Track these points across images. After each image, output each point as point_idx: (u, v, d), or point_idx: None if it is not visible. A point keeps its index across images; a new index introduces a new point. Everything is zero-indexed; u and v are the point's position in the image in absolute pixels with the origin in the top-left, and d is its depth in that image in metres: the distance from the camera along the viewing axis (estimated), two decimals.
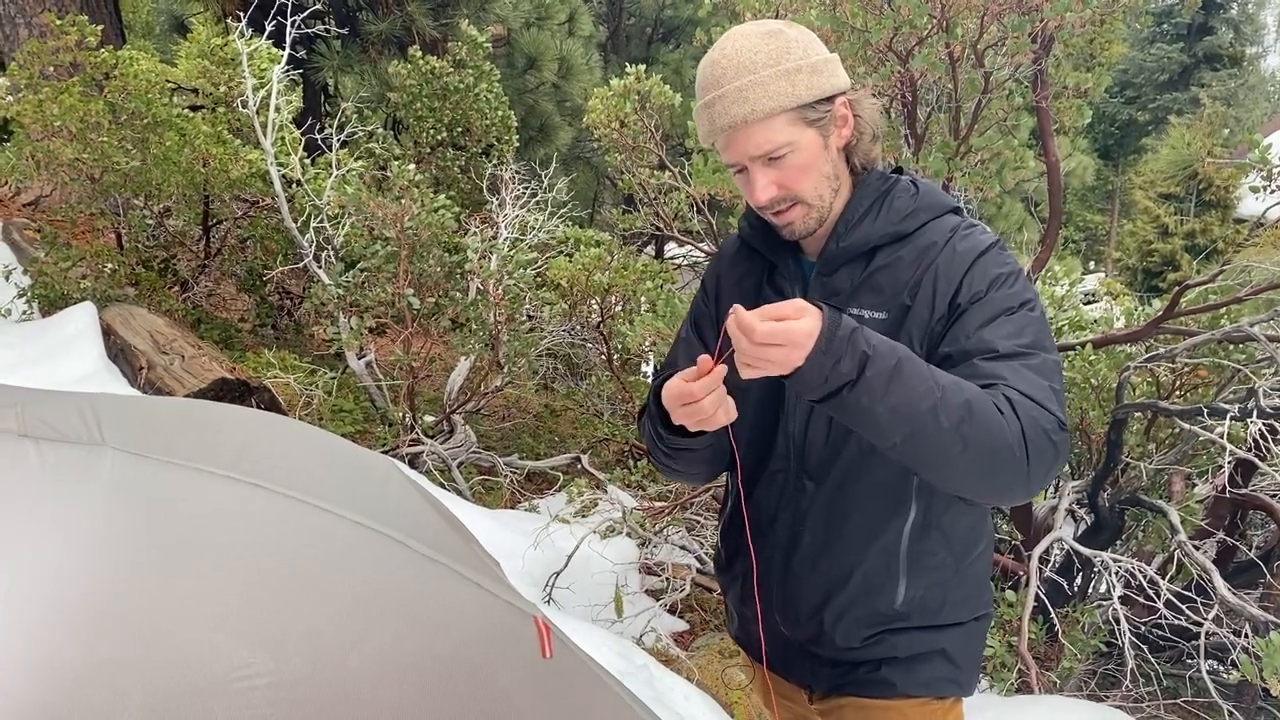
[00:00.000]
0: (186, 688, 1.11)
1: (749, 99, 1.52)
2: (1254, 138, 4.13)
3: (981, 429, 1.35)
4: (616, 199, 12.60)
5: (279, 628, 1.20)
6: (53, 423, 1.37)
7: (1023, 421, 1.38)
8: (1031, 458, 1.38)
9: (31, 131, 5.86)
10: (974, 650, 1.83)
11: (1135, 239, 21.18)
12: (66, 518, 1.23)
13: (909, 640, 1.74)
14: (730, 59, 1.54)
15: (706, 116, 1.59)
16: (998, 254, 1.60)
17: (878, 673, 1.76)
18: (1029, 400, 1.41)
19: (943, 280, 1.57)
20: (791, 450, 1.73)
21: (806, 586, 1.76)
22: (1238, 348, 4.41)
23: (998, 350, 1.47)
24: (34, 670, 1.07)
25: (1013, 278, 1.57)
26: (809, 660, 1.83)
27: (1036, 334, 1.51)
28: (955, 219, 1.66)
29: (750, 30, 1.57)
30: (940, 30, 4.10)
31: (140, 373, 5.07)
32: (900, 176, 1.70)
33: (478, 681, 1.30)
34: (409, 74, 7.98)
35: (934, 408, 1.33)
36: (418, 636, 1.28)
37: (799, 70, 1.53)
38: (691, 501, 5.04)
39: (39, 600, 1.13)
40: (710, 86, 1.57)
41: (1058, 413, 1.43)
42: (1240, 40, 28.49)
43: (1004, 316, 1.51)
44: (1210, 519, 4.48)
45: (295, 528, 1.33)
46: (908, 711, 1.78)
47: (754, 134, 1.55)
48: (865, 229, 1.63)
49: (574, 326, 6.72)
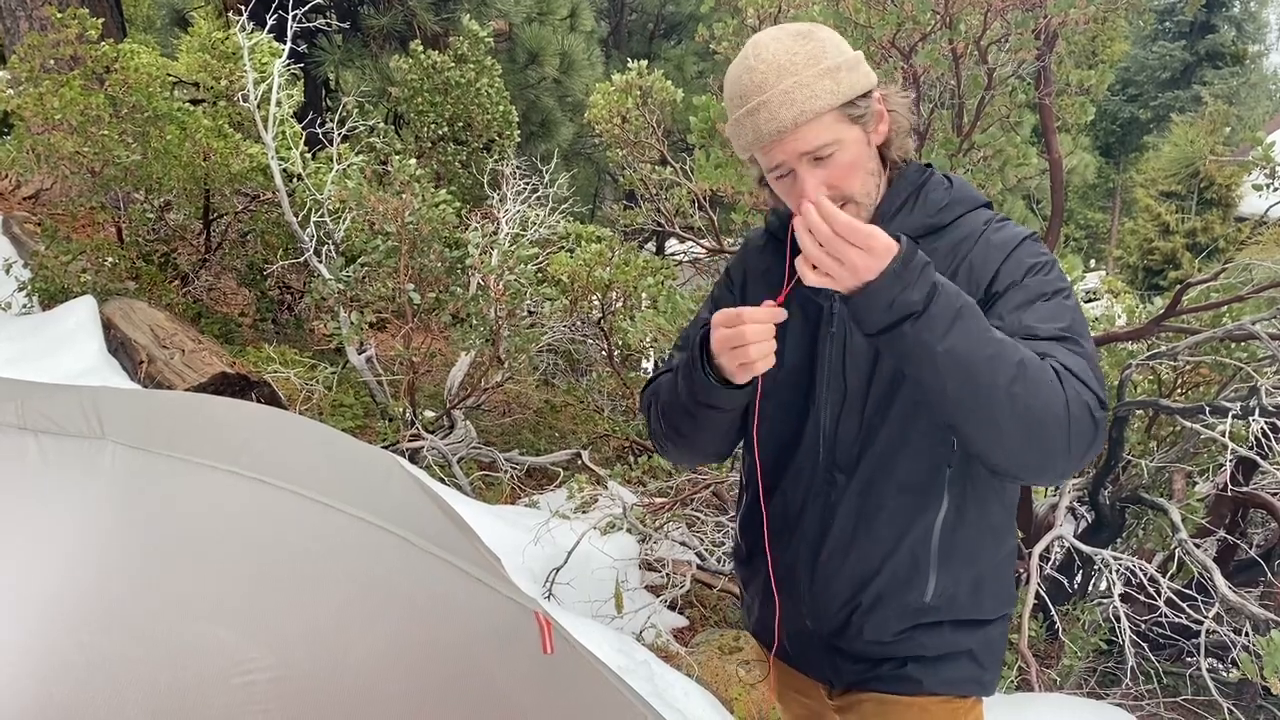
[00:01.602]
0: (188, 683, 1.11)
1: (796, 100, 1.49)
2: (1257, 135, 4.12)
3: (1033, 391, 1.35)
4: (618, 195, 12.60)
5: (281, 622, 1.20)
6: (53, 416, 1.36)
7: (1068, 394, 1.38)
8: (1073, 432, 1.38)
9: (32, 125, 5.86)
10: (998, 652, 1.83)
11: (1136, 237, 21.16)
12: (67, 511, 1.23)
13: (938, 639, 1.73)
14: (769, 63, 1.50)
15: (750, 125, 1.53)
16: (1031, 244, 1.60)
17: (903, 669, 1.75)
18: (1073, 375, 1.41)
19: (978, 269, 1.57)
20: (822, 442, 1.71)
21: (836, 580, 1.74)
22: (1239, 346, 4.40)
23: (1037, 333, 1.47)
24: (36, 664, 1.07)
25: (1048, 266, 1.57)
26: (832, 655, 1.81)
27: (1073, 319, 1.52)
28: (988, 213, 1.67)
29: (780, 34, 1.53)
30: (943, 26, 4.09)
31: (140, 367, 5.06)
32: (933, 170, 1.69)
33: (479, 676, 1.29)
34: (410, 69, 7.97)
35: (991, 359, 1.34)
36: (420, 631, 1.28)
37: (838, 68, 1.51)
38: (692, 498, 5.04)
39: (40, 594, 1.13)
40: (751, 93, 1.52)
41: (1099, 391, 1.43)
42: (1242, 38, 28.45)
43: (1041, 301, 1.52)
44: (1211, 517, 4.47)
45: (297, 522, 1.33)
46: (931, 708, 1.77)
47: (804, 134, 1.51)
48: (900, 221, 1.61)
49: (575, 322, 6.72)
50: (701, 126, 4.96)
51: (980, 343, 1.35)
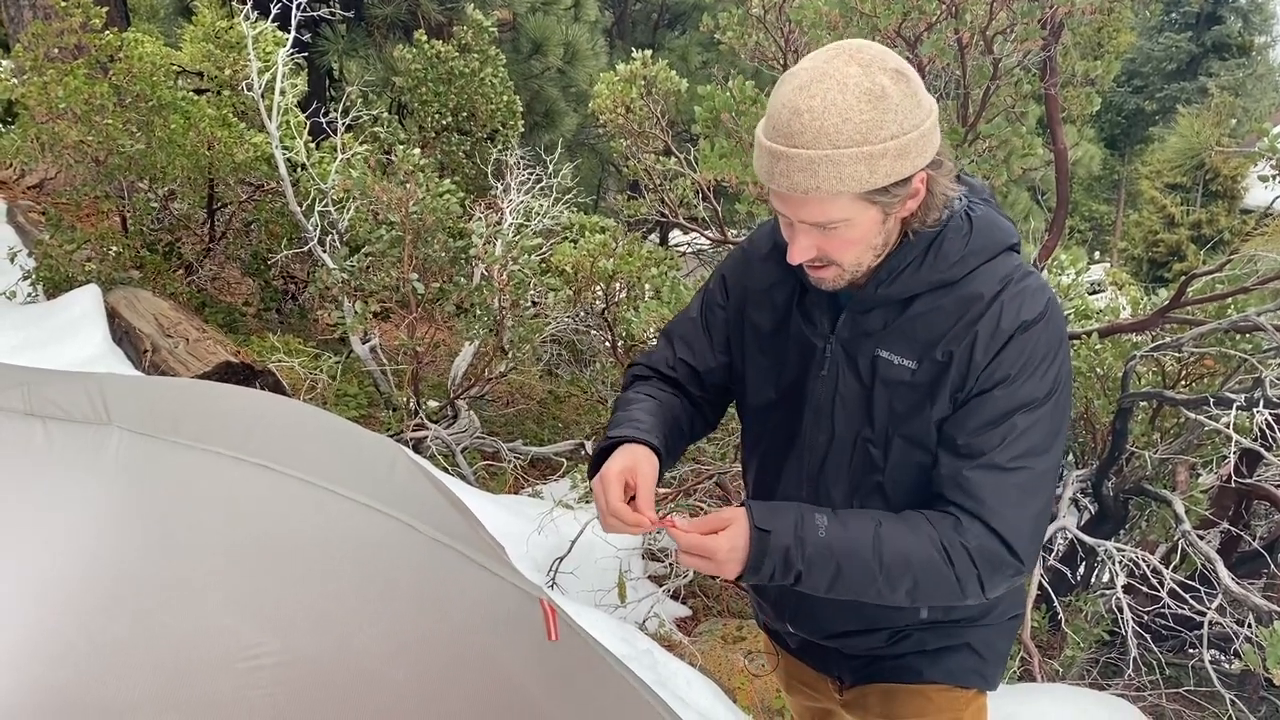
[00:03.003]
0: (193, 666, 1.11)
1: (818, 174, 1.32)
2: (1263, 127, 4.11)
3: (927, 591, 1.45)
4: (621, 185, 12.56)
5: (286, 607, 1.20)
6: (59, 402, 1.37)
7: (979, 569, 1.44)
8: (986, 592, 1.47)
9: (36, 114, 5.86)
10: (1001, 647, 1.84)
11: (1141, 229, 21.11)
12: (73, 496, 1.24)
13: (937, 635, 1.75)
14: (815, 118, 1.31)
15: (767, 162, 1.38)
16: (1042, 329, 1.46)
17: (903, 660, 1.78)
18: (993, 540, 1.44)
19: (979, 352, 1.46)
20: (805, 483, 1.68)
21: (822, 614, 1.76)
22: (1244, 337, 4.40)
23: (992, 462, 1.45)
24: (41, 649, 1.08)
25: (1046, 361, 1.46)
26: (837, 655, 1.85)
27: (1040, 438, 1.46)
28: (1008, 264, 1.51)
29: (852, 83, 1.30)
30: (949, 16, 4.07)
31: (145, 356, 5.07)
32: (953, 214, 1.50)
33: (484, 662, 1.30)
34: (414, 58, 7.96)
35: (878, 590, 1.43)
36: (424, 617, 1.29)
37: (884, 154, 1.32)
38: (695, 488, 5.04)
39: (44, 578, 1.13)
40: (781, 136, 1.34)
41: (1021, 551, 1.46)
42: (1249, 30, 28.29)
43: (1017, 415, 1.45)
44: (1215, 509, 4.47)
45: (302, 508, 1.33)
46: (933, 696, 1.79)
47: (810, 205, 1.38)
48: (909, 278, 1.49)
49: (578, 313, 6.70)
50: (706, 116, 4.94)
51: (864, 584, 1.43)
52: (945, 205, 1.46)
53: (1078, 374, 4.76)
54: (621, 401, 1.71)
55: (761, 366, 1.68)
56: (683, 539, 1.41)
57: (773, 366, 1.66)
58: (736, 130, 4.76)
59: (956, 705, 1.81)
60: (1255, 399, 3.83)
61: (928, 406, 1.50)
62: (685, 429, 1.74)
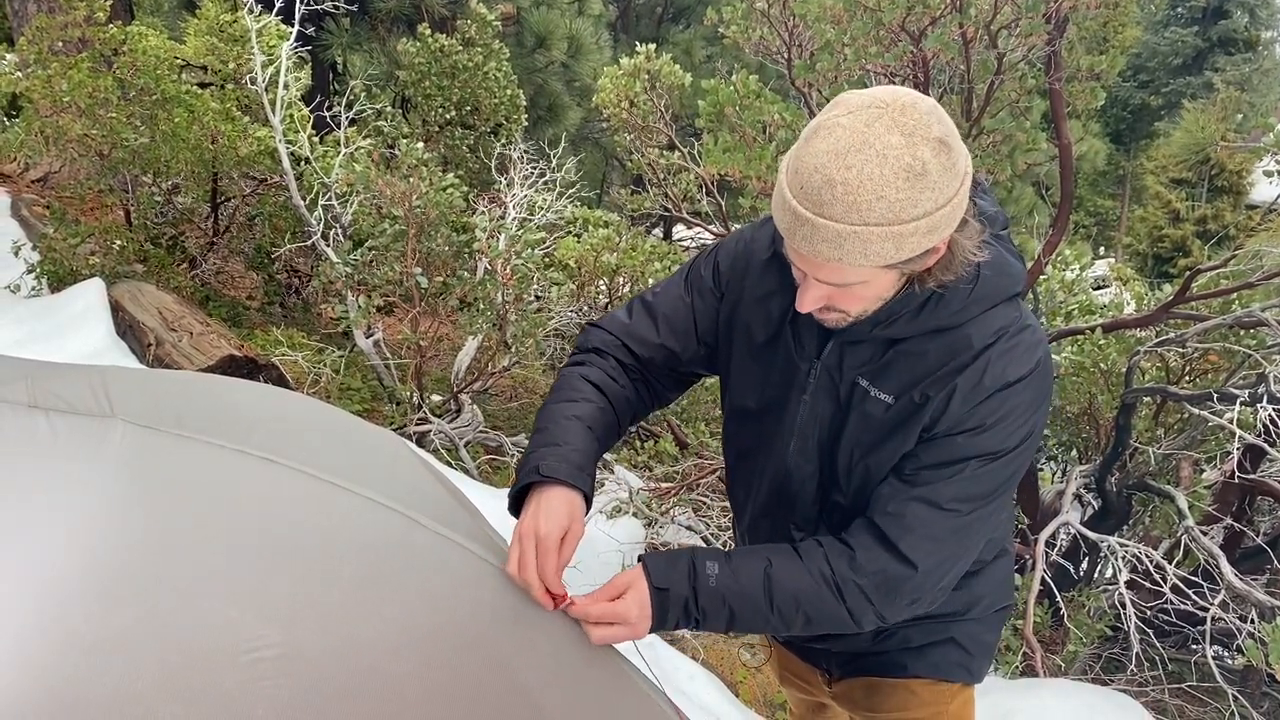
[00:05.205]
0: (197, 659, 1.11)
1: (843, 247, 1.26)
2: (1268, 122, 4.10)
3: (821, 623, 1.49)
4: (625, 180, 12.55)
5: (289, 601, 1.20)
6: (63, 394, 1.37)
7: (874, 603, 1.47)
8: (886, 621, 1.51)
9: (40, 107, 5.85)
10: (987, 640, 1.85)
11: (1146, 224, 21.07)
12: (77, 488, 1.24)
13: (922, 631, 1.77)
14: (849, 191, 1.22)
15: (790, 222, 1.29)
16: (1024, 387, 1.44)
17: (888, 655, 1.81)
18: (903, 568, 1.46)
19: (956, 403, 1.44)
20: (773, 492, 1.70)
21: None
22: (1248, 333, 4.39)
23: (932, 498, 1.46)
24: (46, 641, 1.08)
25: (1022, 418, 1.45)
26: (823, 649, 1.89)
27: (987, 486, 1.47)
28: (1007, 314, 1.47)
29: (892, 155, 1.22)
30: (954, 10, 4.06)
31: (148, 349, 5.08)
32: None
33: (488, 655, 1.30)
34: (418, 52, 7.96)
35: (774, 625, 1.49)
36: (428, 610, 1.29)
37: (914, 233, 1.25)
38: (698, 483, 5.05)
39: (48, 570, 1.13)
40: (810, 202, 1.25)
41: (929, 588, 1.49)
42: (1255, 24, 28.17)
43: (973, 460, 1.45)
44: (1218, 504, 4.47)
45: (306, 502, 1.33)
46: (917, 690, 1.81)
47: (829, 269, 1.32)
48: (905, 323, 1.45)
49: (582, 307, 6.71)
50: (709, 111, 4.94)
51: (757, 622, 1.49)
52: (964, 264, 1.39)
53: (1081, 369, 4.76)
54: (564, 391, 1.63)
55: (748, 371, 1.67)
56: (593, 610, 1.42)
57: (760, 375, 1.65)
58: (740, 125, 4.76)
59: (941, 699, 1.83)
60: (1259, 394, 3.83)
61: (897, 440, 1.50)
62: (620, 431, 1.67)
